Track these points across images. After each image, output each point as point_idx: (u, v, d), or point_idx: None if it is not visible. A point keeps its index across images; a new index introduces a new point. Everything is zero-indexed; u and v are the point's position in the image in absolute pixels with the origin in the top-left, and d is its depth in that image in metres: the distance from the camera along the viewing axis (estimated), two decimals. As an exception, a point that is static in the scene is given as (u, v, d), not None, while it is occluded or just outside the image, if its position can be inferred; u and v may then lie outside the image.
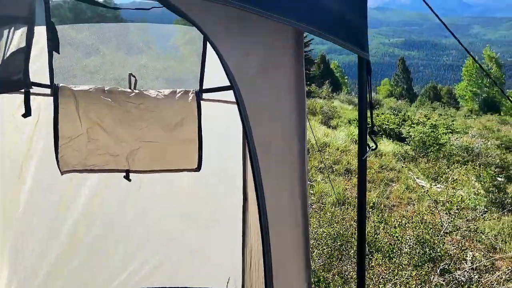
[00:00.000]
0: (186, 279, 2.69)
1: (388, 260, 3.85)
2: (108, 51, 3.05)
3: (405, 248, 3.89)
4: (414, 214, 5.14)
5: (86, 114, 2.13)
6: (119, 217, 2.58)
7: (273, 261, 1.36)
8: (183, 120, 2.24)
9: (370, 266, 3.85)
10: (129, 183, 2.32)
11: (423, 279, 3.57)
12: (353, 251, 3.95)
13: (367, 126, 1.35)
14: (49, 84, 2.14)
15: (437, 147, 10.63)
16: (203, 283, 2.67)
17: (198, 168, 2.33)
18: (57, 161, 2.15)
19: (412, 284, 3.43)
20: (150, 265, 2.67)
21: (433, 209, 5.24)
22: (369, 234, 4.20)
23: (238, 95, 1.21)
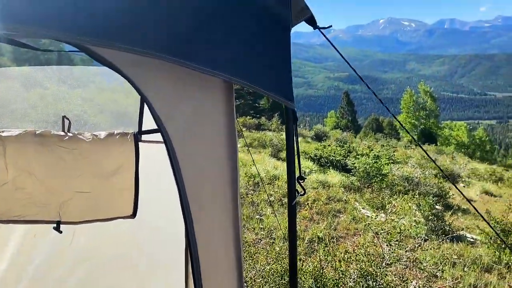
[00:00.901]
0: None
1: (334, 296, 3.88)
2: (50, 84, 2.94)
3: (350, 282, 3.94)
4: (358, 247, 5.27)
5: (14, 161, 2.00)
6: (50, 270, 2.40)
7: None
8: (119, 168, 2.15)
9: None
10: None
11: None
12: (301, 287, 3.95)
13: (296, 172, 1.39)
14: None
15: (380, 177, 11.10)
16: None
17: (134, 215, 2.24)
18: (-21, 211, 1.99)
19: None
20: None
21: (376, 240, 5.40)
22: (316, 269, 4.23)
23: (168, 141, 1.21)
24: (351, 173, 12.31)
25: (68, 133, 2.20)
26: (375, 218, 7.61)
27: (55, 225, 2.10)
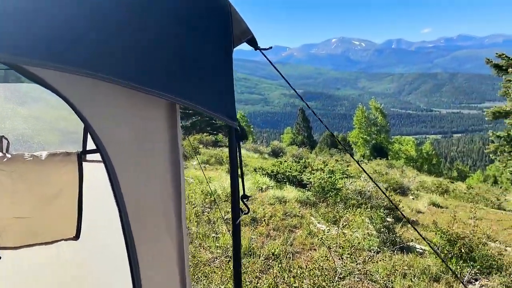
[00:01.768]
0: None
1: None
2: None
3: (303, 298, 3.96)
4: (312, 262, 5.32)
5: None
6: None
7: None
8: (61, 190, 2.05)
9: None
10: (-2, 257, 2.03)
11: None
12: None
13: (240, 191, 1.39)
14: None
15: (334, 191, 11.34)
16: None
17: (77, 237, 2.13)
18: None
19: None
20: None
21: (328, 255, 5.48)
22: (270, 286, 4.21)
23: (108, 160, 1.18)
24: (307, 188, 12.49)
25: (7, 154, 2.07)
26: (328, 232, 7.73)
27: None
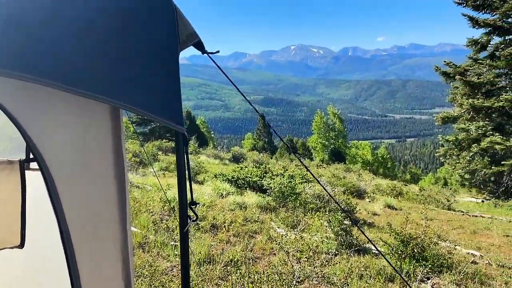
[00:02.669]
0: None
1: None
2: None
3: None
4: (270, 267, 5.34)
5: None
6: None
7: None
8: (4, 199, 1.94)
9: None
10: None
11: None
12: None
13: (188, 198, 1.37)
14: None
15: (294, 196, 11.48)
16: None
17: (22, 245, 2.03)
18: None
19: None
20: None
21: (287, 259, 5.52)
22: (229, 293, 4.18)
23: (44, 167, 1.12)
24: (267, 193, 12.56)
25: None
26: (287, 237, 7.80)
27: None
